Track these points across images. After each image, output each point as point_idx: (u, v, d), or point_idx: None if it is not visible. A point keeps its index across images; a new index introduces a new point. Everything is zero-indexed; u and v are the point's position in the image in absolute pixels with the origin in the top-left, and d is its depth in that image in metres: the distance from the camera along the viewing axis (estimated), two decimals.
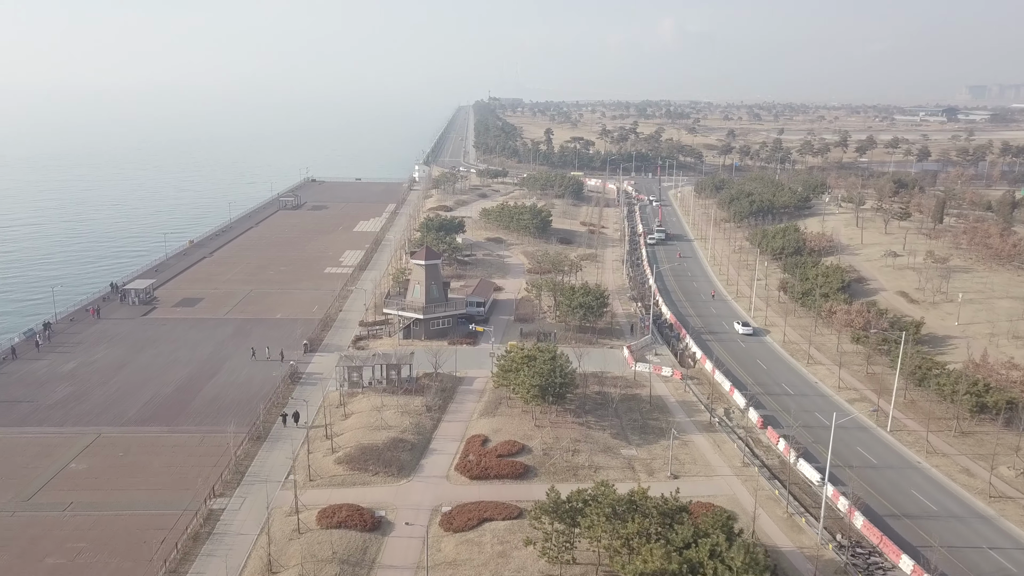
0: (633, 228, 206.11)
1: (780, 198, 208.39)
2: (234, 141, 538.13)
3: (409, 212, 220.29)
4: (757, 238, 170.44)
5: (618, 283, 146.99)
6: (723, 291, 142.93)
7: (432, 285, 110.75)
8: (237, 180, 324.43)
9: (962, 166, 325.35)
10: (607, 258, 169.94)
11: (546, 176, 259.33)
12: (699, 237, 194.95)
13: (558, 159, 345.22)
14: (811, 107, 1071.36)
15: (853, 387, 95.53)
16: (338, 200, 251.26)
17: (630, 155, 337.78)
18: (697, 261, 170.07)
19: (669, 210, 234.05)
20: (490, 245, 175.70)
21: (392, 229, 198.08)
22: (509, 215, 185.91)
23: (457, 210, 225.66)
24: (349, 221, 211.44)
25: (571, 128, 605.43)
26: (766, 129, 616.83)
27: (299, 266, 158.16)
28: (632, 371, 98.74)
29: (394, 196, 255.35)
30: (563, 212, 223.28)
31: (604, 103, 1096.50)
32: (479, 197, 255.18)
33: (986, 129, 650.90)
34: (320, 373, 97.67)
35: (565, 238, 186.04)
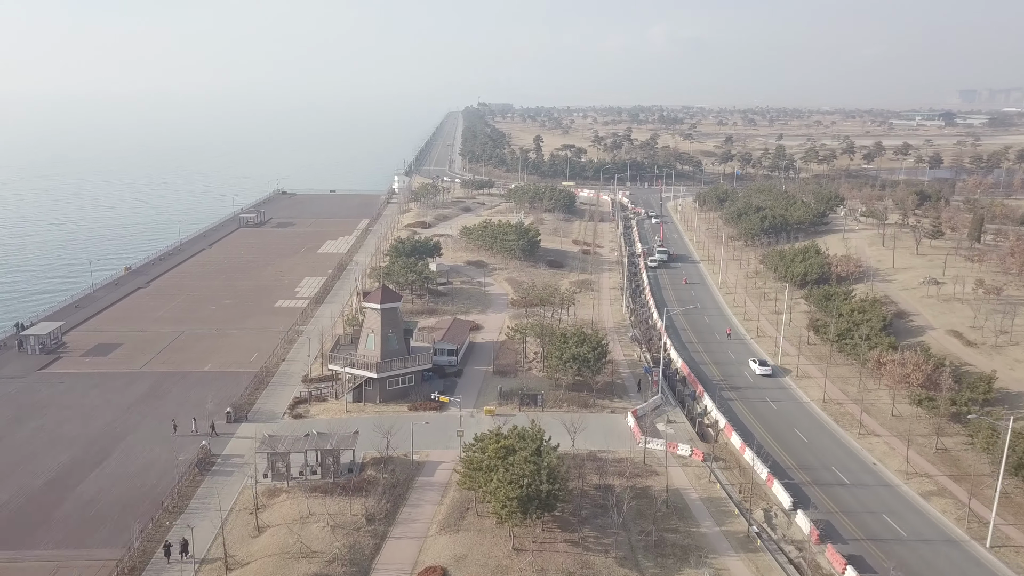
0: (631, 247, 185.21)
1: (794, 213, 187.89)
2: (216, 149, 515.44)
3: (382, 230, 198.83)
4: (773, 261, 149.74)
5: (617, 318, 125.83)
6: (740, 328, 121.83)
7: (390, 334, 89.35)
8: (208, 192, 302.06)
9: (977, 174, 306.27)
10: (603, 285, 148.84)
11: (535, 188, 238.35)
12: (705, 258, 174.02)
13: (548, 168, 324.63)
14: (805, 112, 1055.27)
15: (924, 471, 74.50)
16: (307, 215, 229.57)
17: (624, 164, 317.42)
18: (706, 288, 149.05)
19: (669, 226, 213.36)
20: (470, 270, 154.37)
21: (361, 250, 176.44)
22: (492, 234, 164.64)
23: (437, 227, 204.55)
24: (315, 240, 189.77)
25: (562, 135, 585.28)
26: (763, 135, 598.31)
27: (247, 298, 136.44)
28: (640, 448, 77.51)
29: (369, 210, 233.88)
30: (553, 229, 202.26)
31: (596, 108, 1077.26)
32: (462, 211, 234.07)
33: (987, 133, 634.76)
34: (241, 456, 76.04)
35: (556, 260, 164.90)
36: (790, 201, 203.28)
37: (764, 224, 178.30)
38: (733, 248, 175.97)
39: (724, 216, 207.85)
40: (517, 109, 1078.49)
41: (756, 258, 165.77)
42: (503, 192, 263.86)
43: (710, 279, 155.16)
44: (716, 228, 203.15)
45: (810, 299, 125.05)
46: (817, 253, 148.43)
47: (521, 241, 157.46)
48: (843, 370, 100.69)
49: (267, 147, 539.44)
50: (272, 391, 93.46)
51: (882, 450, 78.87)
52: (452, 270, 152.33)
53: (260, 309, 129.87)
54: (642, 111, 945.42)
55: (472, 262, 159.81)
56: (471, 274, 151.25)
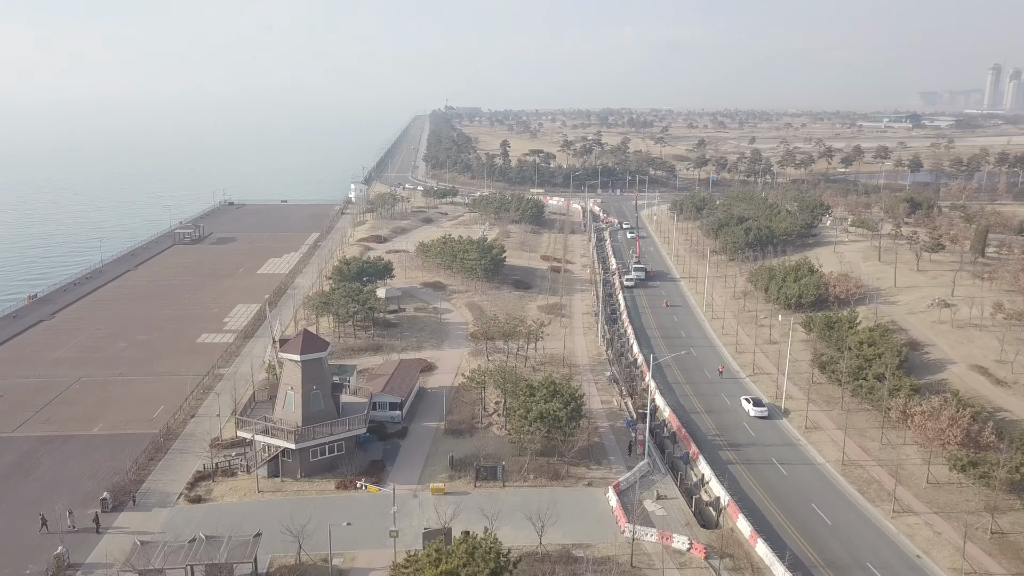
0: (605, 263, 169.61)
1: (779, 224, 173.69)
2: (171, 156, 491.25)
3: (332, 246, 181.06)
4: (762, 279, 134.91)
5: (592, 351, 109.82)
6: (733, 363, 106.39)
7: (313, 392, 72.21)
8: (149, 203, 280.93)
9: (959, 178, 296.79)
10: (575, 309, 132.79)
11: (500, 198, 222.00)
12: (686, 275, 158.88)
13: (516, 174, 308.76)
14: (773, 114, 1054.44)
15: (983, 568, 59.24)
16: (252, 229, 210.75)
17: (595, 170, 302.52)
18: (690, 311, 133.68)
19: (645, 238, 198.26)
20: (426, 294, 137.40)
21: (306, 271, 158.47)
22: (452, 252, 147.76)
23: (393, 241, 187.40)
24: (256, 259, 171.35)
25: (530, 139, 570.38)
26: (734, 137, 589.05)
27: (167, 332, 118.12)
28: (626, 538, 61.35)
29: (321, 223, 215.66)
30: (520, 243, 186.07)
31: (564, 112, 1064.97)
32: (422, 223, 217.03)
33: (955, 135, 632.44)
34: (111, 566, 58.30)
35: (523, 280, 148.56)
36: (774, 211, 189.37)
37: (748, 237, 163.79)
38: (715, 262, 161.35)
39: (703, 227, 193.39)
40: (485, 112, 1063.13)
41: (742, 274, 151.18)
42: (467, 201, 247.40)
43: (693, 301, 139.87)
44: (695, 240, 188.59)
45: (811, 327, 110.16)
46: (811, 271, 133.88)
47: (484, 260, 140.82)
48: (859, 418, 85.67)
49: (226, 154, 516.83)
50: (171, 461, 75.67)
51: (925, 536, 63.54)
52: (406, 294, 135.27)
53: (179, 346, 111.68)
54: (611, 114, 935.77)
55: (429, 284, 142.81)
56: (427, 298, 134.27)
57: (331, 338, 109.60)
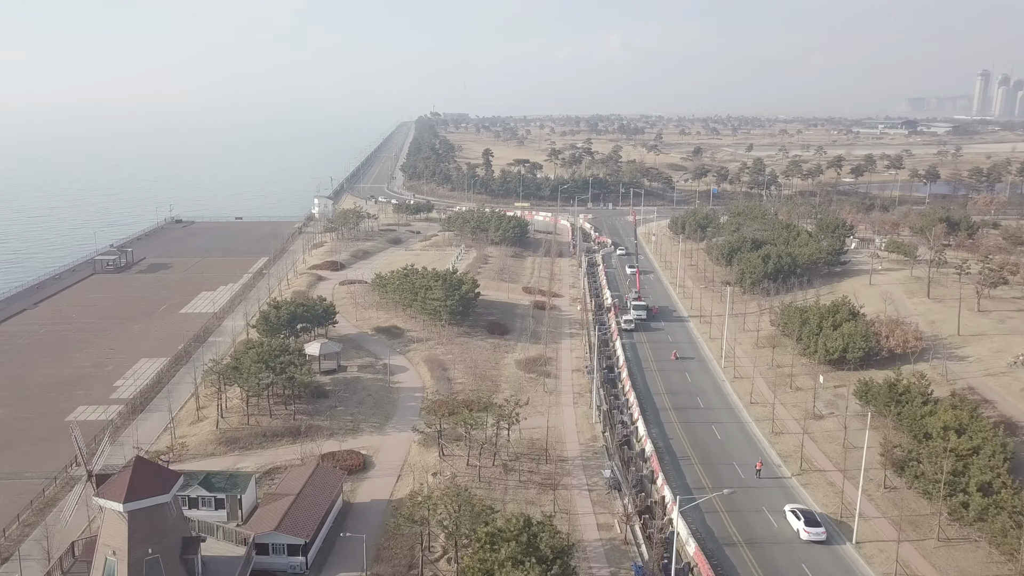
0: (598, 296, 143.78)
1: (801, 250, 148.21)
2: (128, 166, 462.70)
3: (282, 272, 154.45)
4: (792, 324, 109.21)
5: (586, 434, 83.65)
6: (771, 452, 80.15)
7: (148, 559, 45.85)
8: (85, 222, 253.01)
9: (982, 190, 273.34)
10: (563, 364, 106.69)
11: (478, 216, 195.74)
12: (695, 312, 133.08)
13: (499, 186, 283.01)
14: (765, 120, 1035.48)
15: None
16: (193, 253, 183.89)
17: (585, 181, 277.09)
18: (705, 367, 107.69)
19: (642, 261, 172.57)
20: (377, 343, 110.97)
21: (239, 309, 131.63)
22: (413, 288, 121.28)
23: (351, 268, 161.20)
24: (185, 293, 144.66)
25: (517, 146, 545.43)
26: (728, 145, 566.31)
27: (33, 402, 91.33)
28: None
29: (275, 244, 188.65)
30: (499, 270, 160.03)
31: (553, 118, 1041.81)
32: (389, 244, 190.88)
33: (954, 141, 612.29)
34: None
35: (499, 322, 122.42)
36: (792, 232, 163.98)
37: (768, 266, 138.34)
38: (727, 293, 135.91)
39: (710, 249, 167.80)
40: (473, 119, 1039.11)
41: (762, 312, 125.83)
42: (444, 218, 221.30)
43: (707, 349, 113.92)
44: (701, 265, 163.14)
45: (867, 397, 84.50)
46: (853, 315, 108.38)
47: (451, 300, 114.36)
48: (968, 556, 59.97)
49: (190, 163, 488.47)
50: None
51: None
52: (353, 344, 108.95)
53: (41, 426, 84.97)
54: (601, 120, 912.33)
55: (383, 329, 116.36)
56: (378, 350, 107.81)
57: (239, 417, 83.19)
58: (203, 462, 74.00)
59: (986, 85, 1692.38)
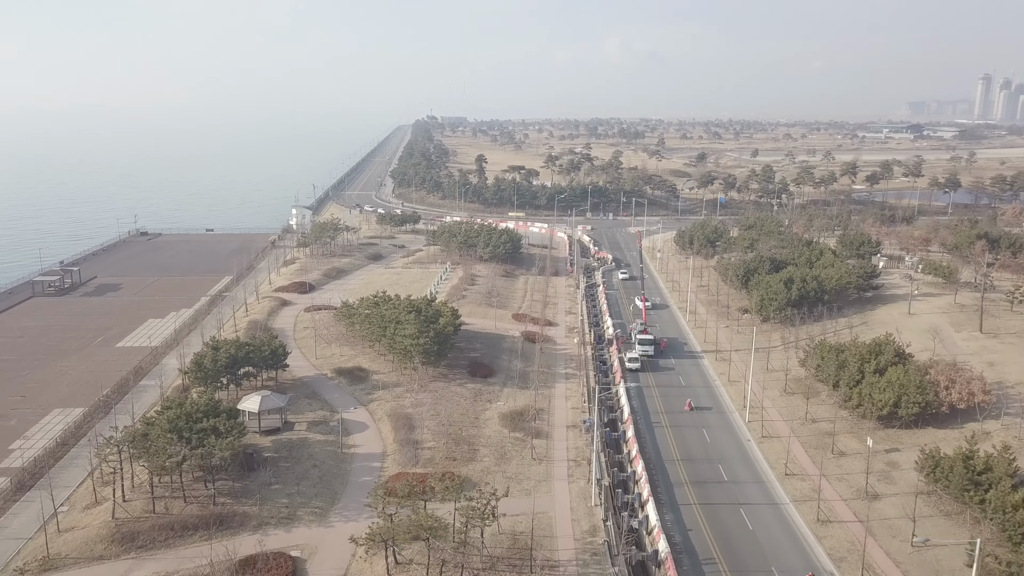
0: (597, 326, 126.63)
1: (828, 272, 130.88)
2: (111, 169, 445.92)
3: (243, 296, 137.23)
4: (827, 367, 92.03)
5: (583, 524, 66.33)
6: (822, 558, 62.56)
7: None
8: (57, 230, 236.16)
9: (1003, 199, 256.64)
10: (556, 416, 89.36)
11: (466, 229, 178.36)
12: (710, 346, 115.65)
13: (492, 195, 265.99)
14: (767, 124, 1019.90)
15: None
16: (150, 271, 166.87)
17: (584, 190, 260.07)
18: (726, 421, 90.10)
19: (647, 280, 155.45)
20: (336, 390, 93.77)
21: (188, 339, 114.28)
22: (381, 321, 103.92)
23: (321, 290, 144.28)
24: (131, 320, 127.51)
25: (514, 151, 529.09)
26: (732, 149, 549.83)
27: None
28: None
29: (241, 260, 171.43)
30: (487, 292, 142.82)
31: (552, 122, 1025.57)
32: (369, 261, 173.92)
33: (964, 147, 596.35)
34: None
35: (483, 360, 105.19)
36: (814, 251, 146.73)
37: (791, 293, 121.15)
38: (747, 325, 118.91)
39: (722, 268, 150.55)
40: (471, 123, 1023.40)
41: (786, 346, 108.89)
42: (431, 230, 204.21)
43: (727, 398, 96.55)
44: (713, 286, 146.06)
45: (936, 474, 67.33)
46: (900, 356, 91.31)
47: (424, 337, 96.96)
48: None
49: (171, 170, 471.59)
50: None
51: None
52: (306, 390, 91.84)
53: None
54: (600, 124, 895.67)
55: (345, 371, 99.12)
56: (336, 399, 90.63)
57: (145, 502, 65.92)
58: (84, 572, 56.81)
59: (987, 89, 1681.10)
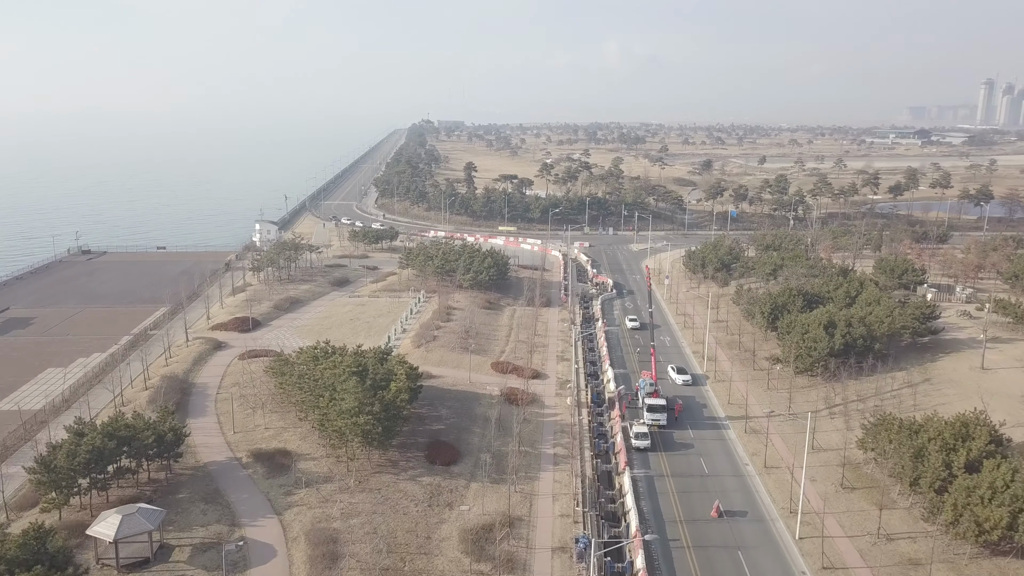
0: (596, 377, 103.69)
1: (876, 314, 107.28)
2: (77, 176, 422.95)
3: (171, 337, 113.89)
4: (899, 459, 69.20)
5: None
6: None
7: None
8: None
9: None
10: (540, 533, 66.03)
11: (444, 252, 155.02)
12: (734, 407, 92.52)
13: (481, 207, 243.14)
14: (767, 129, 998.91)
15: None
16: (77, 299, 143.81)
17: (581, 201, 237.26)
18: (770, 539, 66.44)
19: (656, 318, 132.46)
20: (247, 487, 70.49)
21: (82, 401, 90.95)
22: (315, 386, 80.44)
23: (267, 327, 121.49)
24: (25, 369, 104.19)
25: (510, 157, 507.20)
26: (736, 155, 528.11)
27: None
28: None
29: (185, 286, 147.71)
30: (464, 330, 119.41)
31: (551, 126, 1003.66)
32: (332, 287, 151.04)
33: (979, 152, 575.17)
34: None
35: (445, 440, 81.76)
36: (851, 282, 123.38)
37: (834, 340, 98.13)
38: (779, 379, 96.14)
39: (745, 305, 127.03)
40: (468, 127, 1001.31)
41: (831, 410, 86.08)
42: (410, 247, 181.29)
43: (766, 496, 72.92)
44: (732, 322, 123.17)
45: None
46: (996, 441, 68.35)
47: (364, 416, 73.27)
48: None
49: (147, 174, 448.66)
50: None
51: None
52: (208, 487, 68.73)
53: None
54: (600, 128, 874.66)
55: (265, 455, 75.83)
56: (242, 503, 67.38)
57: None
58: None
59: (990, 94, 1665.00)
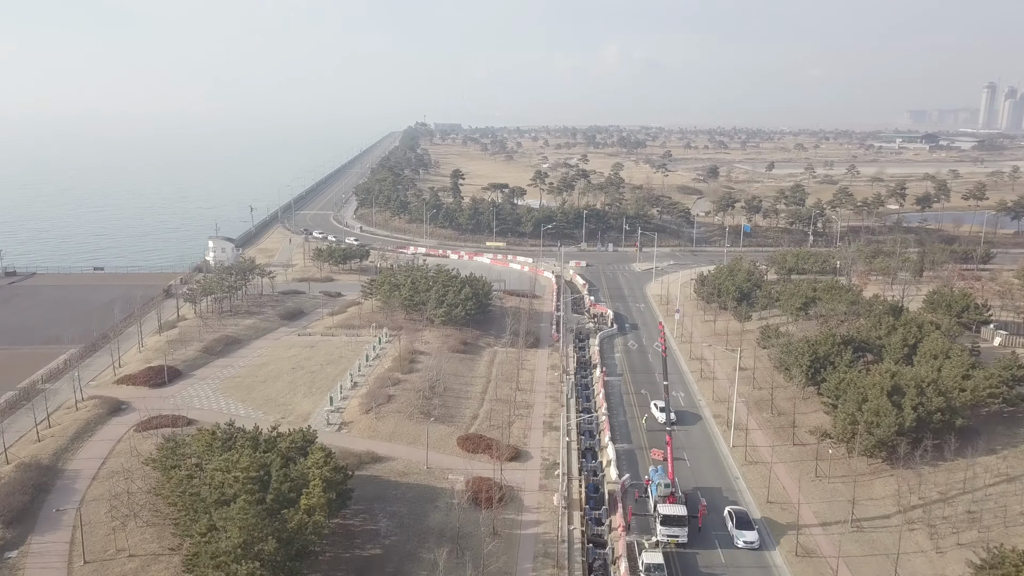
0: (594, 459, 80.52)
1: (949, 374, 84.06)
2: (63, 180, 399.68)
3: (61, 394, 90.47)
4: None
5: None
6: None
7: None
8: None
9: None
10: None
11: (414, 279, 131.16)
12: (775, 507, 69.27)
13: (468, 218, 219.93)
14: (769, 132, 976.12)
15: None
16: None
17: (578, 214, 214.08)
18: None
19: (659, 354, 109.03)
20: None
21: None
22: (197, 501, 57.28)
23: (188, 379, 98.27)
24: None
25: (505, 161, 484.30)
26: (740, 160, 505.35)
27: None
28: None
29: (108, 319, 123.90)
30: (428, 387, 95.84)
31: (549, 129, 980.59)
32: (281, 322, 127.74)
33: (991, 158, 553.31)
34: None
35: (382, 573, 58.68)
36: (907, 326, 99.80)
37: (904, 415, 74.94)
38: (830, 462, 73.13)
39: (777, 353, 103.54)
40: (465, 129, 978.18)
41: (905, 509, 63.06)
42: (384, 266, 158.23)
43: None
44: (760, 372, 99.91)
45: None
46: None
47: (249, 560, 50.14)
48: None
49: (123, 179, 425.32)
50: None
51: None
52: None
53: None
54: (599, 132, 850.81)
55: None
56: None
57: None
58: None
59: (992, 98, 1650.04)
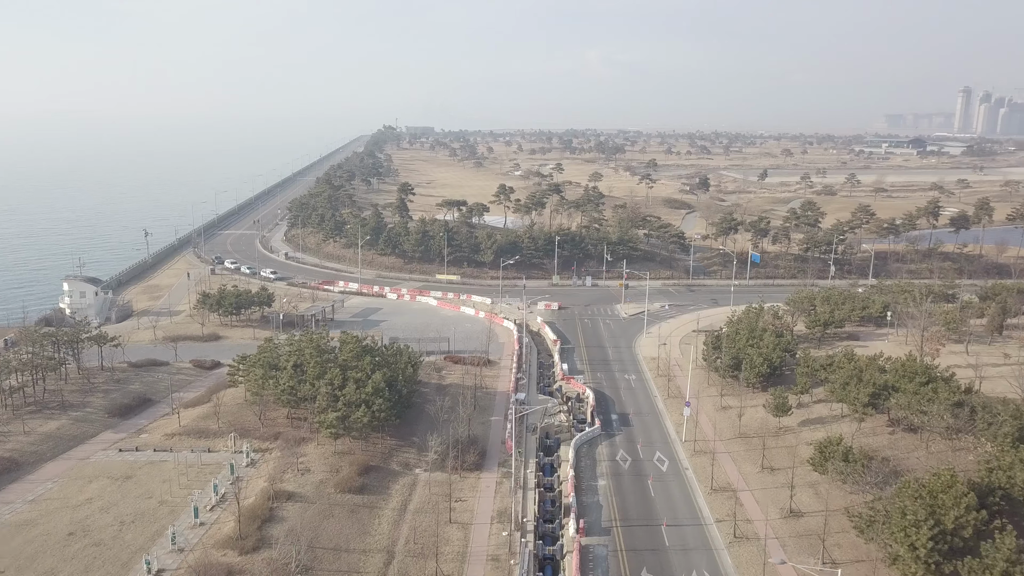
0: None
1: None
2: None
3: None
4: None
5: None
6: None
7: None
8: None
9: None
10: None
11: (295, 364, 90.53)
12: None
13: (415, 246, 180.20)
14: (750, 136, 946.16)
15: None
16: None
17: (549, 240, 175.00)
18: None
19: (657, 475, 70.20)
20: None
21: None
22: None
23: None
24: None
25: (474, 169, 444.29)
26: (726, 167, 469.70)
27: None
28: None
29: None
30: None
31: (524, 133, 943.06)
32: (107, 420, 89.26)
33: (990, 165, 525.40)
34: None
35: None
36: (1005, 438, 62.05)
37: None
38: None
39: (834, 474, 65.27)
40: (438, 133, 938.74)
41: None
42: (314, 314, 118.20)
43: None
44: (824, 515, 61.29)
45: None
46: None
47: None
48: None
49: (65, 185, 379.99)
50: None
51: None
52: None
53: None
54: (576, 136, 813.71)
55: None
56: None
57: None
58: None
59: (968, 102, 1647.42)
